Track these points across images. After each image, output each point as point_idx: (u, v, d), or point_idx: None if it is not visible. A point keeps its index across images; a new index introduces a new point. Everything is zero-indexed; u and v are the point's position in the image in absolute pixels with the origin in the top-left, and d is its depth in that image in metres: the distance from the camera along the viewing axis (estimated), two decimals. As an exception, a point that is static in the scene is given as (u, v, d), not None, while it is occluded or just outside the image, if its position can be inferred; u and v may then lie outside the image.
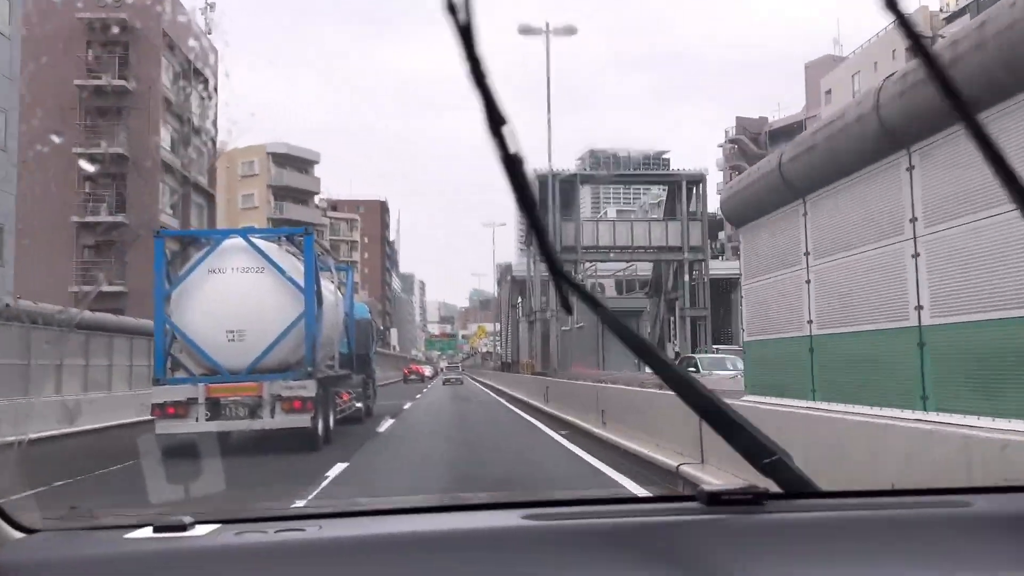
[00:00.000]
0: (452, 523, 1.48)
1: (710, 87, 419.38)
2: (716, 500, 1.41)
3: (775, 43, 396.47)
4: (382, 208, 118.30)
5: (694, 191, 37.02)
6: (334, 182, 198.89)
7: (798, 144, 10.71)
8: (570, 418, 17.64)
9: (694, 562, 1.24)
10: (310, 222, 72.78)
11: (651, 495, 2.33)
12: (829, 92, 64.25)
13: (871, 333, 8.44)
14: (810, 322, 10.03)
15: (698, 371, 22.37)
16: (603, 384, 15.86)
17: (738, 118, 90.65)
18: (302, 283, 13.38)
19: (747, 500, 1.41)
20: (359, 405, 19.13)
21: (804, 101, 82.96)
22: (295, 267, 13.64)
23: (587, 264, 36.91)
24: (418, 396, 35.68)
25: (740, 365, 24.32)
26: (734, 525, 1.36)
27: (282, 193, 69.24)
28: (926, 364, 7.35)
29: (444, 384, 55.90)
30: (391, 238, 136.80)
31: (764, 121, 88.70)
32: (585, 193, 48.77)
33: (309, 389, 13.02)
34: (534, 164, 35.61)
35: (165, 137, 40.21)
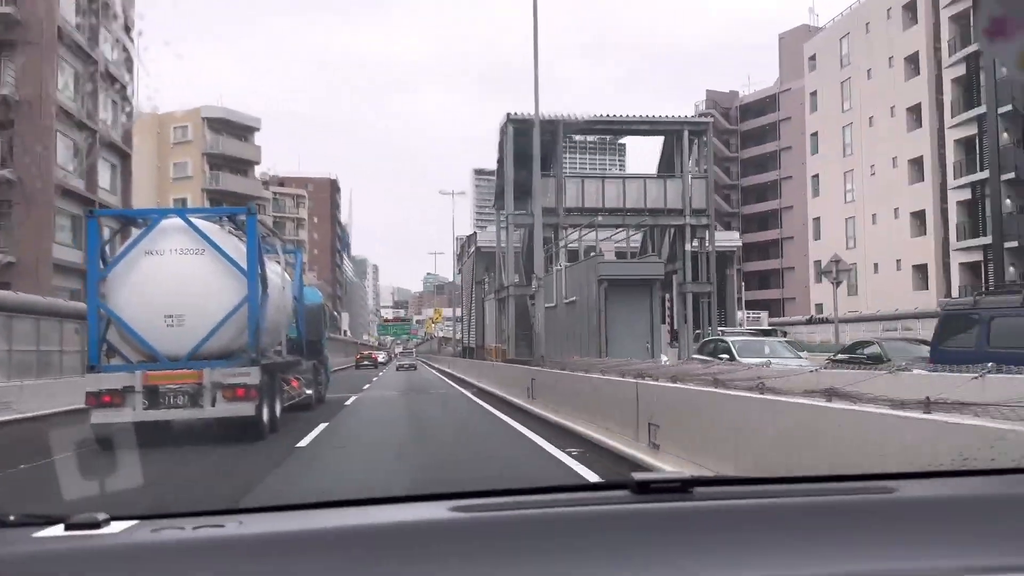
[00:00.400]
0: (377, 517, 1.44)
1: (678, 71, 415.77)
2: (646, 488, 1.40)
3: (746, 20, 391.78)
4: (332, 186, 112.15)
5: (696, 144, 31.36)
6: (282, 161, 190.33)
7: None
8: (578, 427, 12.15)
9: (623, 550, 1.21)
10: (250, 194, 66.47)
11: (582, 483, 2.03)
12: (813, 58, 59.46)
13: None
14: None
15: (732, 358, 16.94)
16: (649, 380, 10.22)
17: (708, 91, 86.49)
18: (245, 265, 12.79)
19: (676, 488, 1.41)
20: (309, 392, 18.17)
21: (777, 74, 78.62)
22: (238, 248, 13.04)
23: (568, 229, 30.99)
24: (366, 387, 29.98)
25: (785, 352, 18.88)
26: (663, 513, 1.35)
27: (219, 162, 62.85)
28: None
29: (397, 370, 53.78)
30: (342, 219, 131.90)
31: (735, 95, 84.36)
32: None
33: (253, 376, 12.44)
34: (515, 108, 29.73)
35: (66, 82, 33.52)
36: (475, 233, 47.64)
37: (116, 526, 1.32)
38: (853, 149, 54.43)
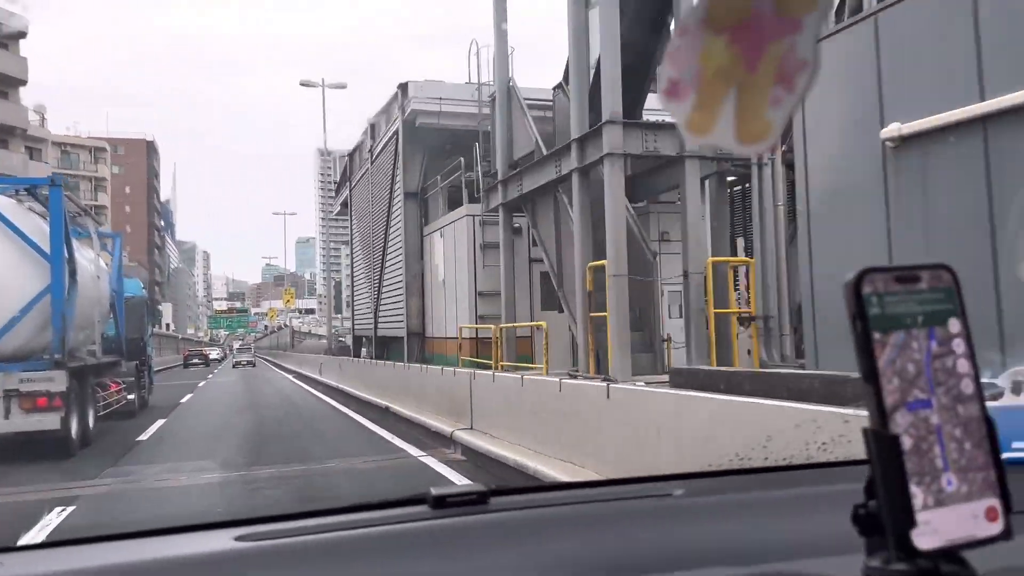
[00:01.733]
0: (150, 551, 1.29)
1: None
2: (442, 503, 1.38)
3: None
4: (149, 149, 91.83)
5: None
6: (94, 129, 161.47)
7: None
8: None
9: (417, 568, 1.20)
10: (8, 124, 46.32)
11: (378, 501, 1.44)
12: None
13: None
14: None
15: None
16: None
17: None
18: (48, 249, 11.38)
19: (473, 500, 1.40)
20: (131, 397, 16.54)
21: None
22: (39, 229, 11.67)
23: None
24: (145, 435, 13.11)
25: None
26: (460, 526, 1.33)
27: (-44, 76, 43.10)
28: None
29: (234, 367, 48.74)
30: (164, 195, 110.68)
31: None
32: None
33: (58, 382, 11.03)
34: None
35: None
36: (405, 87, 26.35)
37: None
38: None
